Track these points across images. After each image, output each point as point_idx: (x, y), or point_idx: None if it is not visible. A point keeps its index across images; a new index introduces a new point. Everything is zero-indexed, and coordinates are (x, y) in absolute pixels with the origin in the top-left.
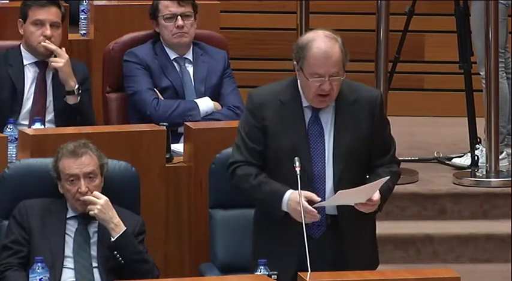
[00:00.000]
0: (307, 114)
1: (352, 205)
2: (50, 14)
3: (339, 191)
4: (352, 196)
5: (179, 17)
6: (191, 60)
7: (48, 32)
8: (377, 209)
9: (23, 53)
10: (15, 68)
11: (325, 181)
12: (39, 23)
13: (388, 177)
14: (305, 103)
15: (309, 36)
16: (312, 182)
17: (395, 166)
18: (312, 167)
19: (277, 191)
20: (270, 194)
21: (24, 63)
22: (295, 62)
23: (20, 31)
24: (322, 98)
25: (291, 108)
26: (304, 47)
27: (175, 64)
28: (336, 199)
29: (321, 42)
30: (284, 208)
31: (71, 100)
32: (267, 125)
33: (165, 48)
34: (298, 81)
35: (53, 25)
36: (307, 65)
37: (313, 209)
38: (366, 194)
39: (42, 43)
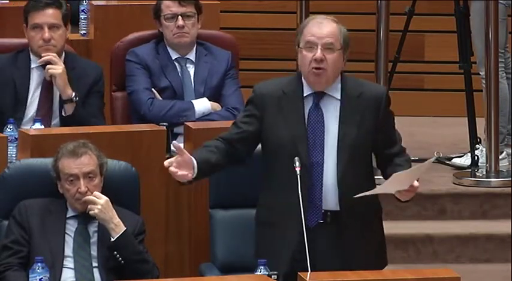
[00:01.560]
0: (308, 103)
1: (393, 193)
2: (47, 16)
3: (395, 174)
4: (402, 180)
5: (180, 17)
6: (193, 60)
7: (46, 35)
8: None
9: (31, 56)
10: (21, 71)
11: (323, 169)
12: (38, 27)
13: (434, 158)
14: (306, 92)
15: (309, 17)
16: (308, 168)
17: (406, 154)
18: (309, 155)
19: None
20: None
21: (32, 66)
22: (296, 46)
23: (26, 36)
24: (316, 71)
25: (292, 97)
26: (302, 26)
27: (176, 64)
28: (388, 184)
29: (318, 18)
30: None
31: (69, 109)
32: (266, 115)
33: (168, 48)
34: (299, 66)
35: (51, 27)
36: (303, 37)
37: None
38: (413, 177)
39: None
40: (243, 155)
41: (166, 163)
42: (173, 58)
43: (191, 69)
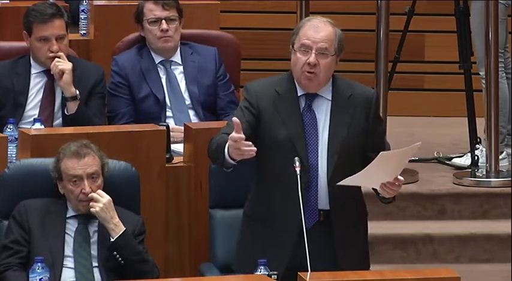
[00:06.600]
0: (301, 104)
1: (377, 187)
2: (54, 28)
3: (382, 152)
4: (387, 167)
5: (163, 20)
6: (178, 62)
7: (54, 47)
8: (392, 199)
9: (31, 62)
10: (21, 77)
11: (317, 171)
12: (45, 39)
13: (419, 143)
14: (299, 92)
15: (306, 18)
16: (306, 171)
17: None
18: (308, 157)
19: (223, 140)
20: (218, 146)
21: (32, 72)
22: (290, 46)
23: (26, 43)
24: (309, 74)
25: (287, 98)
26: (298, 27)
27: (160, 68)
28: (374, 168)
29: (315, 20)
30: (226, 153)
31: (72, 107)
32: (262, 115)
33: (151, 52)
34: (291, 66)
35: (58, 38)
36: (298, 39)
37: (249, 143)
38: (400, 163)
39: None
40: None
41: (235, 136)
42: (157, 61)
43: (177, 70)
